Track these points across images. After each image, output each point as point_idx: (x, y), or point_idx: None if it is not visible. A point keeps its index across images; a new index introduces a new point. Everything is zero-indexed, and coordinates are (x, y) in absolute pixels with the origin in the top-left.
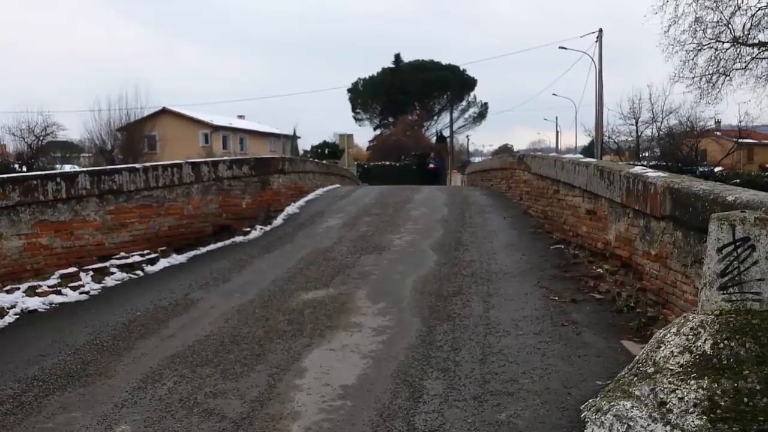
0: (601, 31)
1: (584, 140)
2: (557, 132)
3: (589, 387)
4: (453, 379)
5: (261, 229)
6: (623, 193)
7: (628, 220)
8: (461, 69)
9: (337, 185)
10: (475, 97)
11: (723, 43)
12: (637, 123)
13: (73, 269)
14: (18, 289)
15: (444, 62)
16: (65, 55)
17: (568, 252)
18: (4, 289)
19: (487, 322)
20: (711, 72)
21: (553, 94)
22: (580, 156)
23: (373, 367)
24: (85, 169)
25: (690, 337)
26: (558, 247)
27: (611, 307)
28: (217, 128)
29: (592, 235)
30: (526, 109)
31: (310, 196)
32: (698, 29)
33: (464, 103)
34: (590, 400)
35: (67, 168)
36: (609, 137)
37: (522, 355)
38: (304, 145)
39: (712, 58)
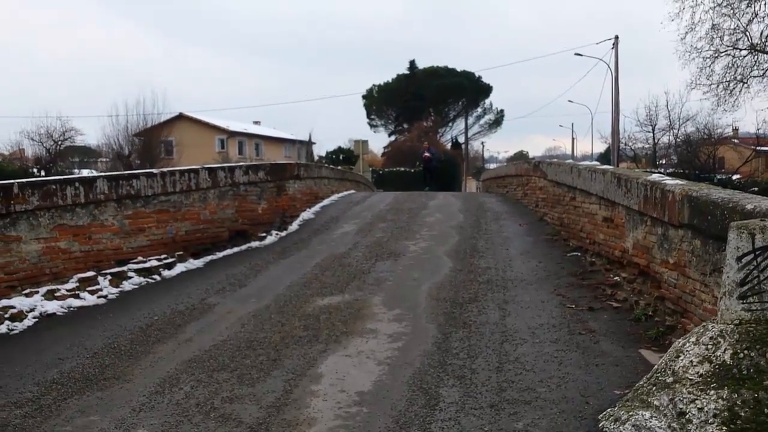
0: (617, 37)
1: (600, 147)
2: (573, 139)
3: (607, 396)
4: (469, 386)
5: (276, 234)
6: (641, 200)
7: (646, 228)
8: (476, 75)
9: (352, 191)
10: (490, 104)
11: (740, 50)
12: (653, 130)
13: (91, 273)
14: (37, 292)
15: (459, 69)
16: (79, 61)
17: (585, 259)
18: (23, 292)
19: (503, 329)
20: (728, 79)
21: (569, 101)
22: (597, 163)
23: (388, 373)
24: (103, 174)
25: (709, 346)
26: (575, 254)
27: (629, 316)
28: (233, 134)
29: (609, 243)
30: (541, 116)
31: (326, 201)
32: (715, 36)
33: (479, 109)
34: (608, 410)
35: (85, 173)
36: (625, 144)
37: (539, 364)
38: (320, 150)
39: (730, 65)
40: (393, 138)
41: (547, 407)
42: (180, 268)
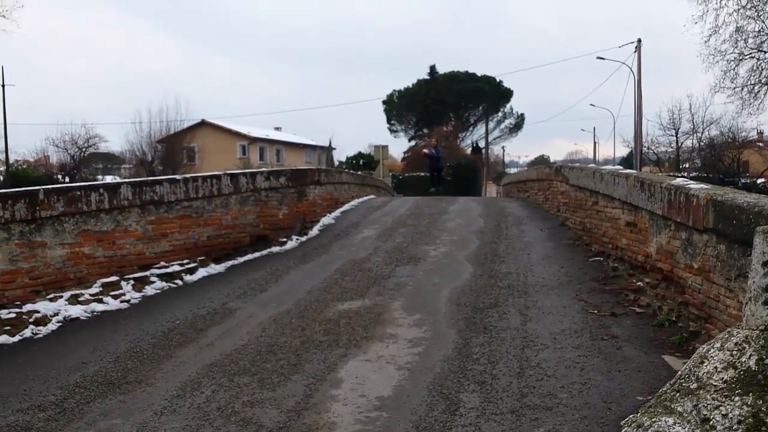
0: (639, 41)
1: (623, 151)
2: (595, 143)
3: (630, 402)
4: (490, 392)
5: (297, 239)
6: (664, 205)
7: (670, 233)
8: (497, 80)
9: (372, 196)
10: (511, 108)
11: (765, 52)
12: (677, 134)
13: (114, 278)
14: (61, 297)
15: (479, 73)
16: (104, 68)
17: (608, 265)
18: (48, 297)
19: (524, 335)
20: (753, 82)
21: (591, 105)
22: (620, 167)
23: (409, 378)
24: (127, 180)
25: (734, 352)
26: (597, 259)
27: (652, 321)
28: (254, 140)
29: (632, 248)
30: (562, 120)
31: (346, 206)
32: (739, 39)
33: (500, 114)
34: (631, 416)
35: (109, 179)
36: (648, 148)
37: (561, 369)
38: (340, 156)
39: (754, 68)
40: (413, 143)
41: (568, 413)
42: (202, 273)
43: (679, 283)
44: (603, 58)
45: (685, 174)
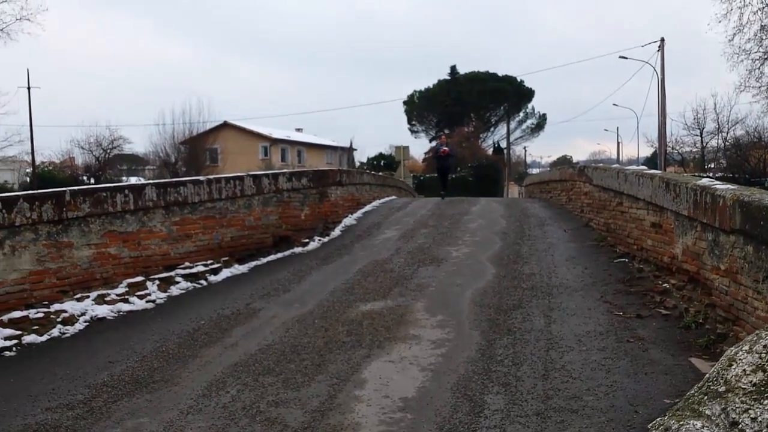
0: (663, 40)
1: (646, 151)
2: (618, 143)
3: (657, 405)
4: (514, 394)
5: (319, 240)
6: (690, 206)
7: (696, 234)
8: (518, 80)
9: (393, 197)
10: (533, 108)
11: None
12: (701, 133)
13: (140, 278)
14: (88, 297)
15: (500, 73)
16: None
17: (633, 266)
18: (75, 297)
19: (548, 336)
20: None
21: (614, 105)
22: (644, 168)
23: (432, 380)
24: (152, 181)
25: (763, 355)
26: (621, 260)
27: (679, 324)
28: (275, 141)
29: (657, 249)
30: (585, 120)
31: (367, 207)
32: (764, 37)
33: (522, 114)
34: (658, 419)
35: (133, 180)
36: (672, 148)
37: (586, 372)
38: (361, 157)
39: None
40: (433, 143)
41: (594, 416)
42: (225, 273)
43: (706, 285)
44: (626, 58)
45: (711, 174)
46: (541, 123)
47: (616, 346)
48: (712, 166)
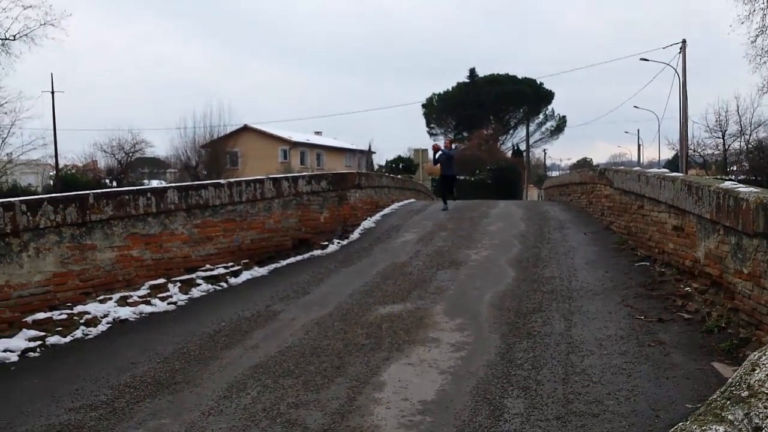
0: (684, 42)
1: (668, 154)
2: (639, 145)
3: (679, 410)
4: (534, 398)
5: (338, 242)
6: (713, 209)
7: (719, 237)
8: (538, 82)
9: (412, 200)
10: (552, 111)
11: None
12: (723, 136)
13: (161, 280)
14: (110, 299)
15: (520, 76)
16: (149, 76)
17: (654, 269)
18: (98, 299)
19: (569, 340)
20: None
21: (635, 107)
22: (666, 170)
23: (451, 383)
24: (174, 184)
25: None
26: (643, 264)
27: (701, 328)
28: (295, 144)
29: (679, 253)
30: (605, 123)
31: (386, 210)
32: None
33: (541, 116)
34: (680, 424)
35: (155, 183)
36: (694, 151)
37: (607, 376)
38: (379, 160)
39: None
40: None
41: (615, 420)
42: (245, 275)
43: (729, 289)
44: (646, 60)
45: (733, 177)
46: (560, 125)
47: (637, 350)
48: (735, 168)
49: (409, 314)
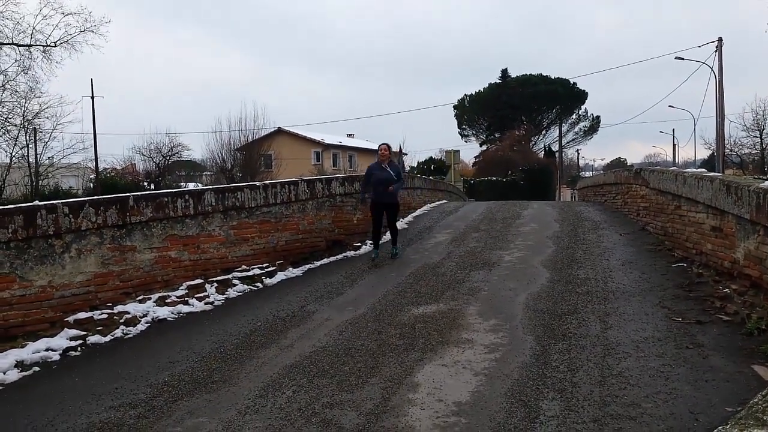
0: (720, 40)
1: (704, 153)
2: (674, 145)
3: (718, 413)
4: (570, 400)
5: (371, 244)
6: (752, 209)
7: (759, 238)
8: (571, 82)
9: (444, 201)
10: (585, 111)
11: None
12: (761, 135)
13: (199, 281)
14: (149, 299)
15: (552, 76)
16: (186, 81)
17: (692, 271)
18: (137, 299)
19: (605, 342)
20: None
21: (670, 106)
22: (704, 170)
23: (486, 384)
24: (211, 186)
25: None
26: (680, 265)
27: (740, 330)
28: (327, 146)
29: (717, 253)
30: (639, 122)
31: (418, 211)
32: None
33: (574, 116)
34: (720, 427)
35: (191, 186)
36: (731, 150)
37: (644, 378)
38: (411, 161)
39: None
40: (484, 147)
41: (653, 423)
42: (280, 276)
43: None
44: (682, 59)
45: None
46: (594, 125)
47: (675, 352)
48: None
49: (442, 315)
